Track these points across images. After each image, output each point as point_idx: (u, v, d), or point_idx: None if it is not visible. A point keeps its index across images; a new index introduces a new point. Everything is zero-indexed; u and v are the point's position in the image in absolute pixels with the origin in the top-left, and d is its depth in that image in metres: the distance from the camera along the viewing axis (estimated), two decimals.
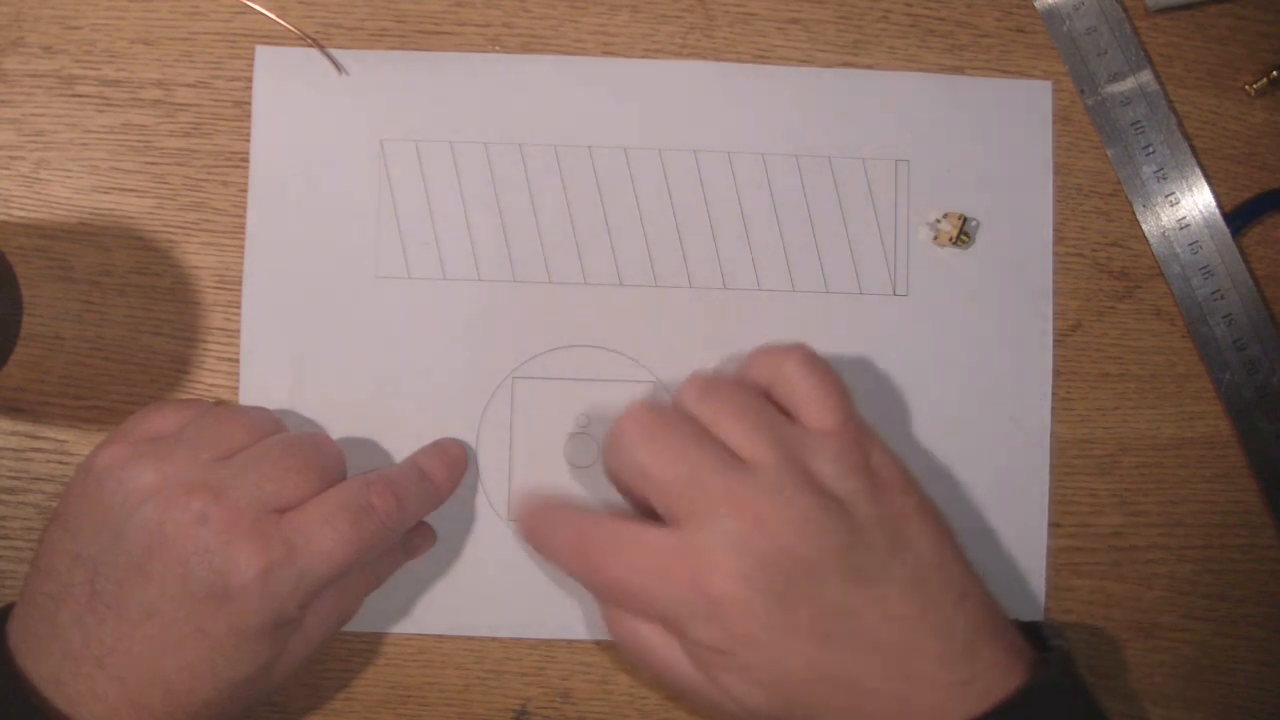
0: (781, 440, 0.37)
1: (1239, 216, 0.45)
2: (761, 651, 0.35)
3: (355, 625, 0.41)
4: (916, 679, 0.35)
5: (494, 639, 0.44)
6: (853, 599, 0.35)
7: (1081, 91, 0.45)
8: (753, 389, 0.39)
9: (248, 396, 0.43)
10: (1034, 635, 0.38)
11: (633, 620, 0.38)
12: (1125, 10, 0.45)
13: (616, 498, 0.43)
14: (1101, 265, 0.45)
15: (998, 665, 0.36)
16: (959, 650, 0.35)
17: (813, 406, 0.38)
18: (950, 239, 0.44)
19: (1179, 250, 0.45)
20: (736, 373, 0.40)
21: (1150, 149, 0.45)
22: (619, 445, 0.38)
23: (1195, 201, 0.45)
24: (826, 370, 0.39)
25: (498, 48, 0.44)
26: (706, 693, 0.37)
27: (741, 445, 0.37)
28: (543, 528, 0.39)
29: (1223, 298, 0.45)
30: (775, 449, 0.37)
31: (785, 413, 0.38)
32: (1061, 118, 0.45)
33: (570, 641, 0.44)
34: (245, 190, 0.43)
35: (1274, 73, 0.45)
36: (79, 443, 0.43)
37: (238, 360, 0.43)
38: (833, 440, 0.37)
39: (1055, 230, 0.45)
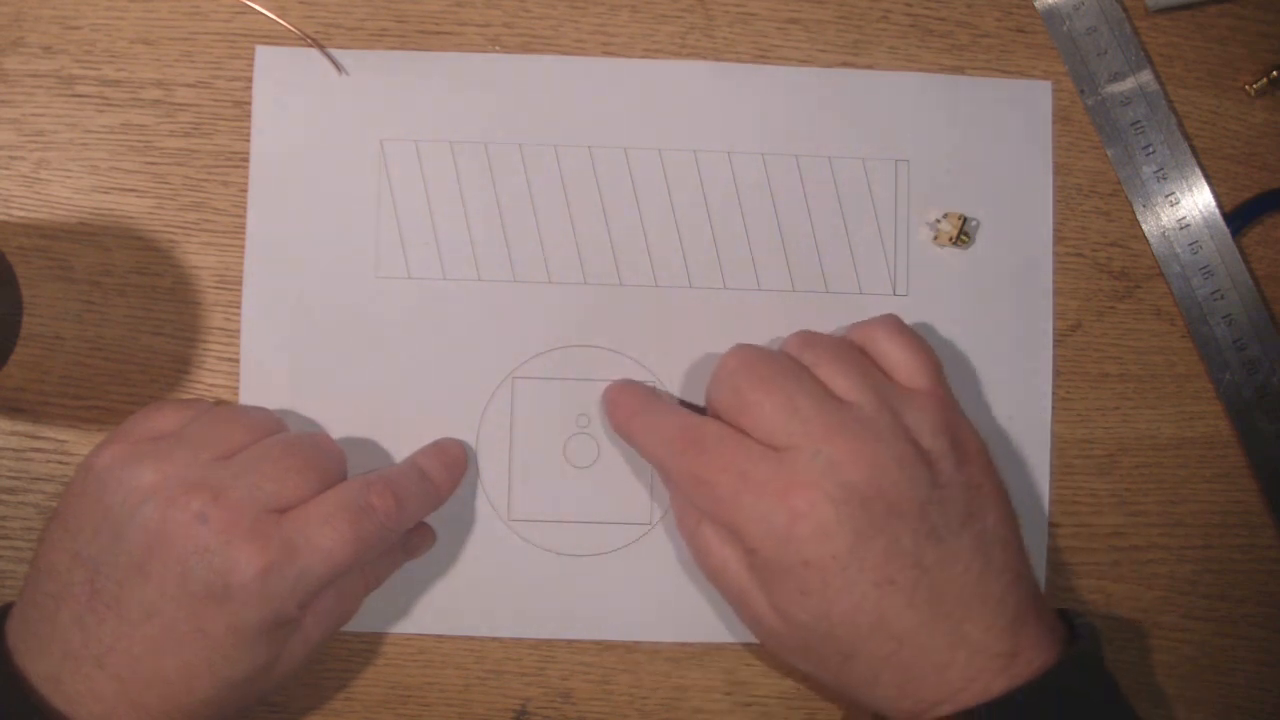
0: (878, 388, 0.39)
1: (1239, 216, 0.45)
2: (823, 578, 0.36)
3: (355, 625, 0.41)
4: (964, 645, 0.36)
5: (494, 639, 0.44)
6: (923, 552, 0.36)
7: (1081, 91, 0.45)
8: (852, 344, 0.41)
9: (248, 396, 0.43)
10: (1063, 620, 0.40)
11: (699, 518, 0.39)
12: (1125, 10, 0.45)
13: (616, 497, 0.43)
14: (1101, 265, 0.45)
15: (1039, 643, 0.37)
16: (1007, 624, 0.37)
17: (905, 368, 0.40)
18: (950, 239, 0.44)
19: (1179, 250, 0.45)
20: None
21: (1150, 149, 0.45)
22: (724, 376, 0.39)
23: (1195, 201, 0.45)
24: (916, 336, 0.41)
25: (498, 48, 0.44)
26: (752, 603, 0.38)
27: (841, 387, 0.39)
28: (644, 412, 0.41)
29: (1223, 298, 0.45)
30: (872, 394, 0.38)
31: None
32: (1061, 118, 0.45)
33: (570, 641, 0.44)
34: (245, 190, 0.43)
35: (1274, 73, 0.45)
36: (79, 443, 0.43)
37: (238, 360, 0.43)
38: (925, 398, 0.39)
39: (1055, 230, 0.45)
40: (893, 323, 0.41)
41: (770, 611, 0.38)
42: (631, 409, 0.41)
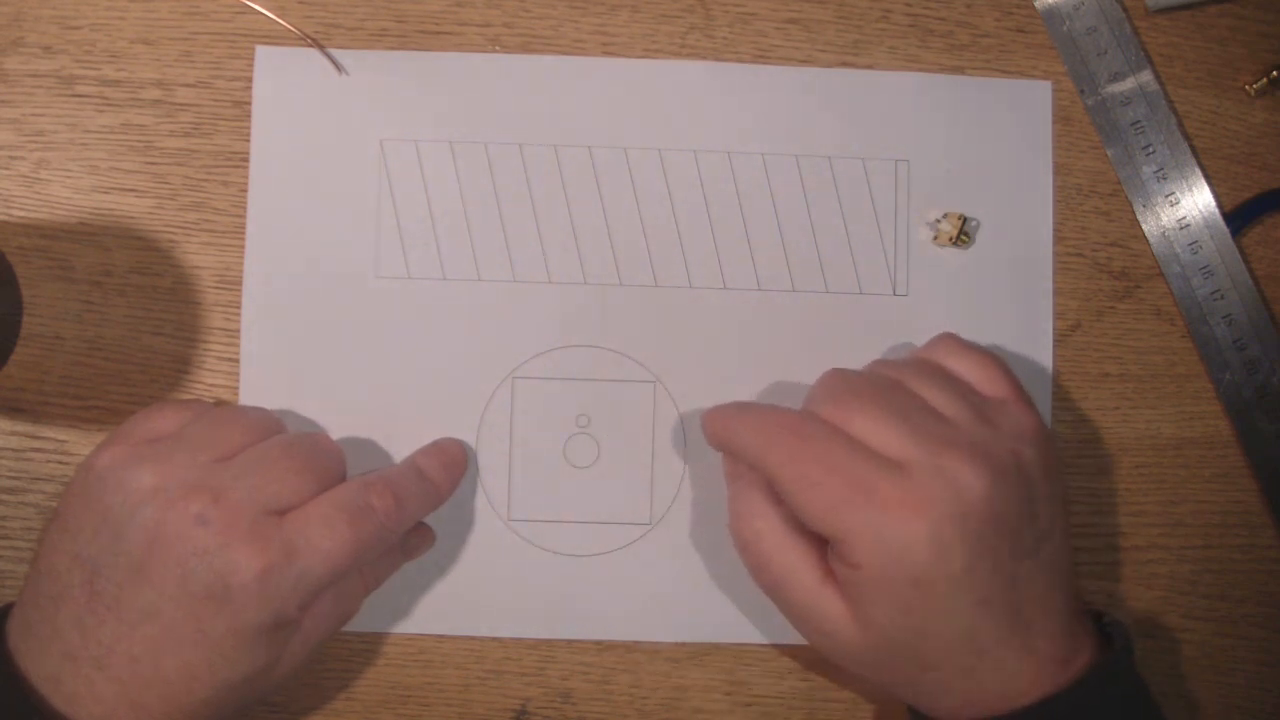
0: (972, 401, 0.38)
1: (1239, 216, 0.45)
2: (929, 598, 0.35)
3: (355, 625, 0.41)
4: (1034, 654, 0.36)
5: (494, 639, 0.44)
6: (1016, 569, 0.36)
7: (1081, 91, 0.45)
8: (932, 361, 0.40)
9: (248, 396, 0.43)
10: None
11: (764, 524, 0.38)
12: (1125, 10, 0.45)
13: (616, 497, 0.43)
14: (1101, 265, 0.45)
15: (1087, 646, 0.38)
16: (1065, 630, 0.37)
17: (984, 381, 0.40)
18: (950, 239, 0.44)
19: (1179, 250, 0.45)
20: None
21: (1150, 149, 0.45)
22: (824, 391, 0.38)
23: (1195, 201, 0.45)
24: (981, 349, 0.41)
25: (498, 48, 0.44)
26: (824, 614, 0.37)
27: (939, 402, 0.38)
28: (745, 411, 0.39)
29: (1223, 298, 0.45)
30: (970, 408, 0.38)
31: None
32: (1061, 118, 0.45)
33: (570, 641, 0.44)
34: (245, 190, 0.43)
35: (1274, 73, 0.45)
36: (79, 443, 0.43)
37: (238, 360, 0.43)
38: (1013, 406, 0.39)
39: (1055, 230, 0.45)
40: (953, 340, 0.41)
41: (851, 624, 0.37)
42: (729, 412, 0.40)
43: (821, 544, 0.38)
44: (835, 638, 0.37)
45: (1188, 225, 0.45)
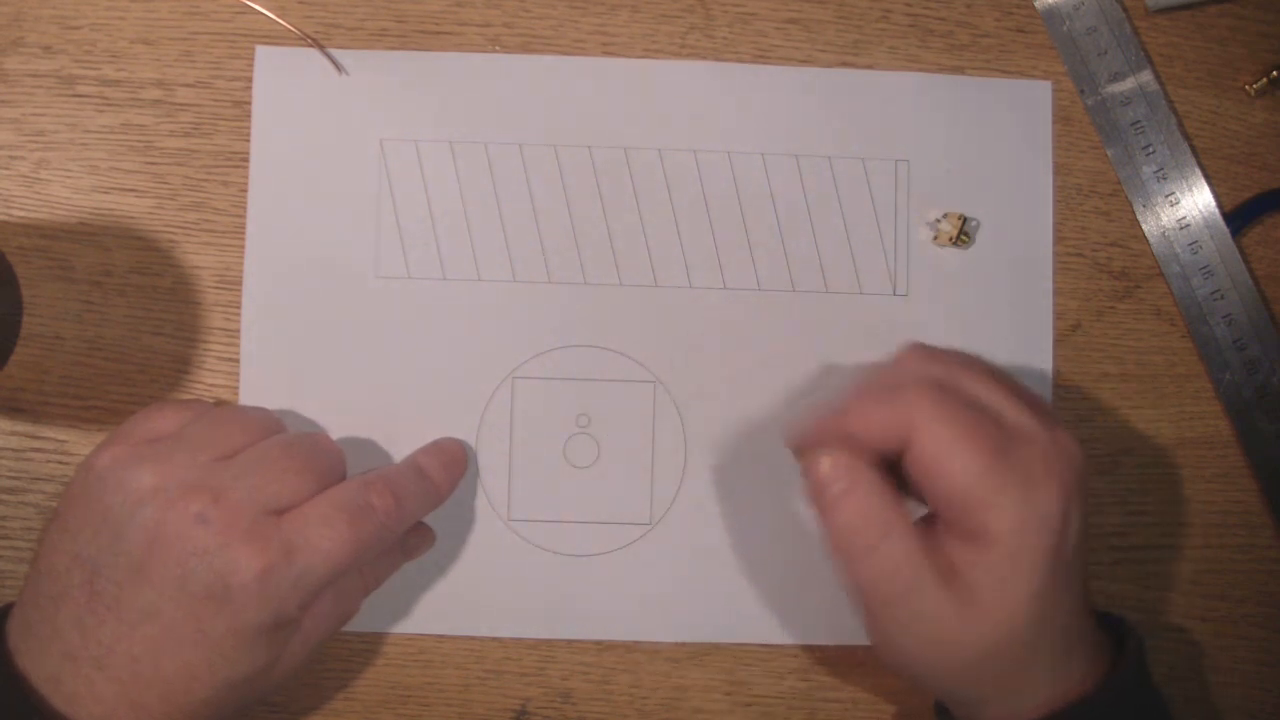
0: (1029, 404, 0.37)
1: (1239, 216, 0.45)
2: (1057, 571, 0.35)
3: (355, 625, 0.41)
4: (1075, 653, 0.37)
5: (494, 639, 0.44)
6: (1072, 564, 0.36)
7: (1081, 91, 0.45)
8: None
9: (248, 396, 0.43)
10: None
11: (903, 517, 0.35)
12: (1125, 10, 0.45)
13: (616, 497, 0.43)
14: (1101, 265, 0.45)
15: (1107, 643, 0.38)
16: (1092, 631, 0.37)
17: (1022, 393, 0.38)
18: (950, 239, 0.44)
19: (1179, 250, 0.45)
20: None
21: (1150, 149, 0.45)
22: (935, 362, 0.37)
23: (1195, 201, 0.45)
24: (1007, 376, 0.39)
25: (498, 48, 0.44)
26: (940, 607, 0.35)
27: (1010, 415, 0.36)
28: (865, 400, 0.36)
29: (1223, 298, 0.45)
30: (1036, 414, 0.36)
31: None
32: (1061, 118, 0.45)
33: (570, 641, 0.44)
34: (245, 190, 0.43)
35: (1274, 73, 0.45)
36: (79, 443, 0.43)
37: (238, 360, 0.43)
38: (1051, 412, 0.38)
39: (1055, 230, 0.45)
40: (980, 365, 0.38)
41: (967, 619, 0.34)
42: (832, 407, 0.37)
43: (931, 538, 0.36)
44: (944, 638, 0.35)
45: (1188, 225, 0.45)
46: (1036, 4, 0.45)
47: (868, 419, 0.36)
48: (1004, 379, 0.37)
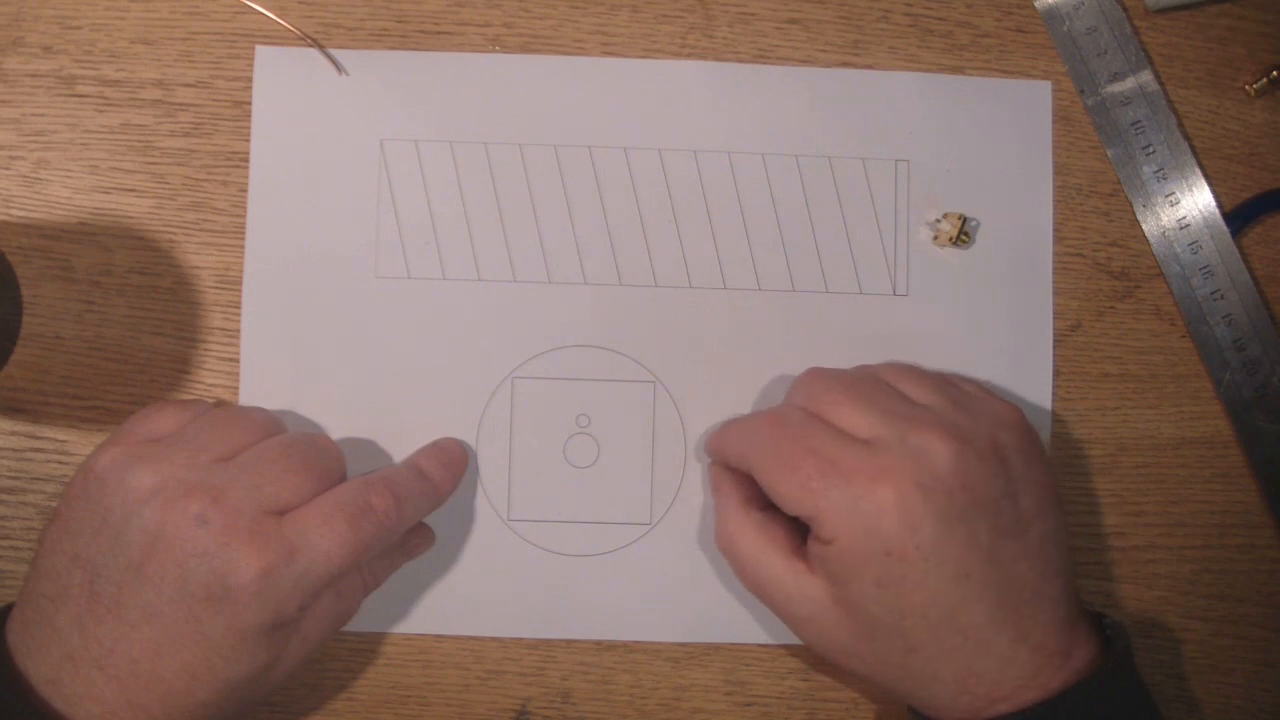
0: (950, 391, 0.40)
1: (1239, 216, 0.45)
2: (903, 569, 0.36)
3: (355, 625, 0.41)
4: (1025, 642, 0.37)
5: (494, 639, 0.44)
6: (997, 546, 0.37)
7: (1081, 91, 0.45)
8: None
9: (248, 396, 0.43)
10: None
11: (742, 522, 0.40)
12: (1125, 10, 0.45)
13: (616, 497, 0.43)
14: (1101, 265, 0.45)
15: (1087, 642, 0.38)
16: (1063, 623, 0.37)
17: (956, 380, 0.42)
18: (950, 239, 0.44)
19: (1179, 250, 0.45)
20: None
21: (1150, 149, 0.45)
22: (801, 386, 0.40)
23: (1195, 201, 0.45)
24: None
25: (498, 48, 0.44)
26: (810, 602, 0.38)
27: (915, 394, 0.40)
28: (734, 420, 0.42)
29: (1223, 298, 0.45)
30: (946, 396, 0.39)
31: None
32: (1061, 118, 0.45)
33: (570, 641, 0.44)
34: (245, 190, 0.43)
35: (1274, 73, 0.45)
36: (79, 443, 0.43)
37: (238, 360, 0.43)
38: (991, 400, 0.40)
39: (1055, 230, 0.45)
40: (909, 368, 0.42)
41: (833, 607, 0.38)
42: (723, 424, 0.42)
43: (799, 538, 0.39)
44: (818, 624, 0.38)
45: (1188, 225, 0.45)
46: (1036, 4, 0.45)
47: (724, 453, 0.41)
48: (932, 382, 0.40)
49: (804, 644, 0.41)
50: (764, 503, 0.40)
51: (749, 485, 0.40)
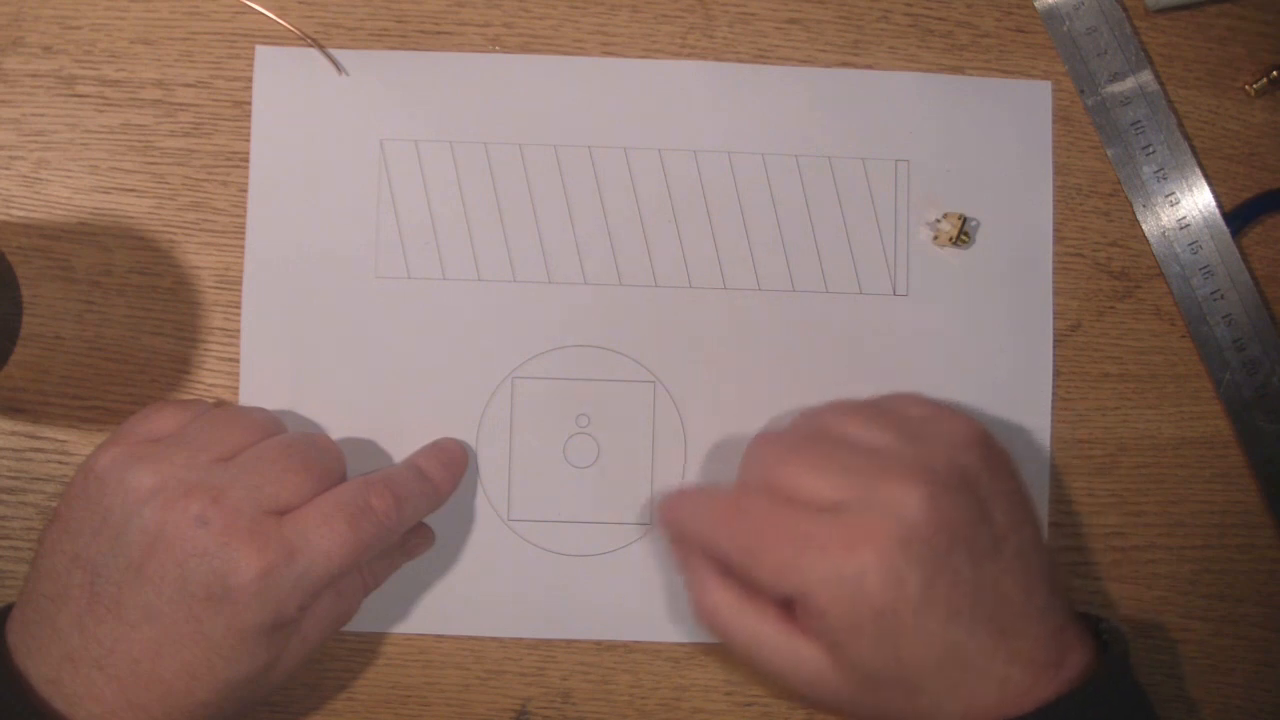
0: (895, 421, 0.39)
1: (1239, 216, 0.45)
2: (896, 624, 0.35)
3: (355, 625, 0.41)
4: (1018, 660, 0.36)
5: (494, 639, 0.44)
6: (979, 574, 0.36)
7: (1081, 91, 0.45)
8: (849, 400, 0.42)
9: (248, 396, 0.43)
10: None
11: (721, 596, 0.38)
12: (1125, 10, 0.45)
13: (616, 497, 0.43)
14: (1101, 265, 0.45)
15: (1078, 647, 0.37)
16: (1051, 633, 0.37)
17: (902, 403, 0.41)
18: (950, 239, 0.44)
19: (1179, 250, 0.45)
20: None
21: (1150, 149, 0.45)
22: (752, 460, 0.39)
23: (1195, 201, 0.45)
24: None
25: (498, 48, 0.44)
26: (806, 668, 0.37)
27: (862, 436, 0.38)
28: (685, 499, 0.40)
29: (1223, 298, 0.45)
30: (893, 430, 0.38)
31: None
32: (1061, 118, 0.45)
33: (570, 641, 0.44)
34: (245, 190, 0.43)
35: (1274, 73, 0.45)
36: (79, 443, 0.43)
37: (238, 360, 0.43)
38: (942, 417, 0.39)
39: (1055, 230, 0.45)
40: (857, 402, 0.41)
41: (833, 670, 0.37)
42: (672, 503, 0.40)
43: (785, 604, 0.38)
44: (822, 687, 0.37)
45: (1188, 225, 0.45)
46: (1036, 4, 0.45)
47: (685, 536, 0.40)
48: (880, 418, 0.39)
49: (804, 703, 0.40)
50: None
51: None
